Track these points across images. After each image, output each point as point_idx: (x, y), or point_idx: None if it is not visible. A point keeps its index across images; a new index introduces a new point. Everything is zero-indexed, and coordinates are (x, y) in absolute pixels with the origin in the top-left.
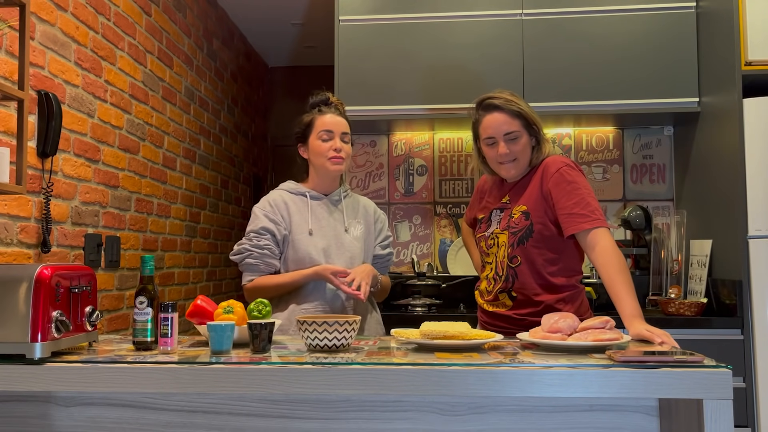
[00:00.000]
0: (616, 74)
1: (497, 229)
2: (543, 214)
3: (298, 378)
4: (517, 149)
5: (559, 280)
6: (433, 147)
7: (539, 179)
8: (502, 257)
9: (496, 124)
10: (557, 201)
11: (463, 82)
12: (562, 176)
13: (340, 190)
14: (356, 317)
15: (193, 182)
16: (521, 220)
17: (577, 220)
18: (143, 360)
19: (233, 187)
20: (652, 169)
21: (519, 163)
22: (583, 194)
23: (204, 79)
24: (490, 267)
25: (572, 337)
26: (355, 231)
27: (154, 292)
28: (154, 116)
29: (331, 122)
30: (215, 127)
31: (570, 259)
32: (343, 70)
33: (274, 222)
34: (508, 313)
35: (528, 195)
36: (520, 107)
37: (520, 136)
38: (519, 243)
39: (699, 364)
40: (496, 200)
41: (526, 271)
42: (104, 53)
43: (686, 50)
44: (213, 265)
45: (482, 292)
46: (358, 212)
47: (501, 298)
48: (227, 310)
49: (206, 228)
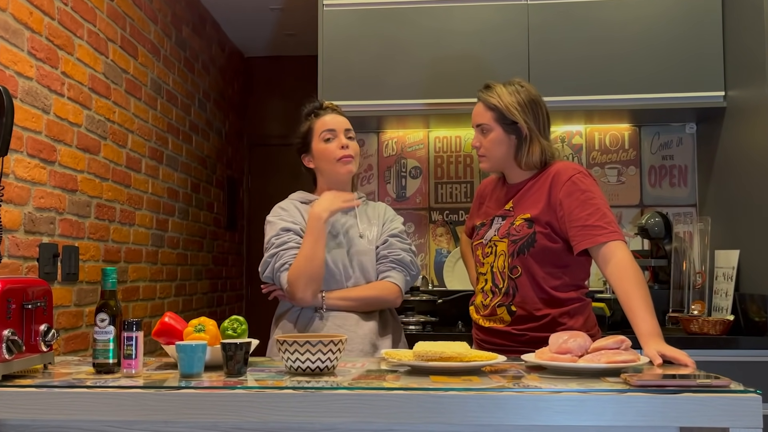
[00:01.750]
0: (633, 65)
1: (496, 236)
2: (547, 225)
3: (277, 404)
4: (486, 144)
5: (563, 294)
6: (428, 146)
7: (548, 187)
8: (502, 267)
9: (473, 114)
10: (569, 212)
11: (461, 74)
12: (575, 185)
13: (354, 195)
14: (342, 336)
15: (160, 186)
16: (523, 227)
17: (593, 233)
18: (104, 384)
19: (205, 191)
20: (673, 171)
21: (487, 160)
22: (598, 204)
23: (172, 71)
24: (485, 278)
25: (583, 358)
26: (370, 235)
27: (116, 308)
28: (116, 112)
29: (332, 121)
30: (185, 125)
31: (574, 275)
32: (327, 61)
33: (292, 222)
34: (506, 328)
35: (533, 202)
36: (500, 101)
37: (490, 130)
38: (519, 252)
39: (725, 388)
40: (498, 206)
41: (526, 283)
42: (61, 42)
43: (711, 38)
44: (182, 278)
45: (477, 307)
46: (371, 216)
47: (499, 312)
48: (198, 329)
49: (175, 237)
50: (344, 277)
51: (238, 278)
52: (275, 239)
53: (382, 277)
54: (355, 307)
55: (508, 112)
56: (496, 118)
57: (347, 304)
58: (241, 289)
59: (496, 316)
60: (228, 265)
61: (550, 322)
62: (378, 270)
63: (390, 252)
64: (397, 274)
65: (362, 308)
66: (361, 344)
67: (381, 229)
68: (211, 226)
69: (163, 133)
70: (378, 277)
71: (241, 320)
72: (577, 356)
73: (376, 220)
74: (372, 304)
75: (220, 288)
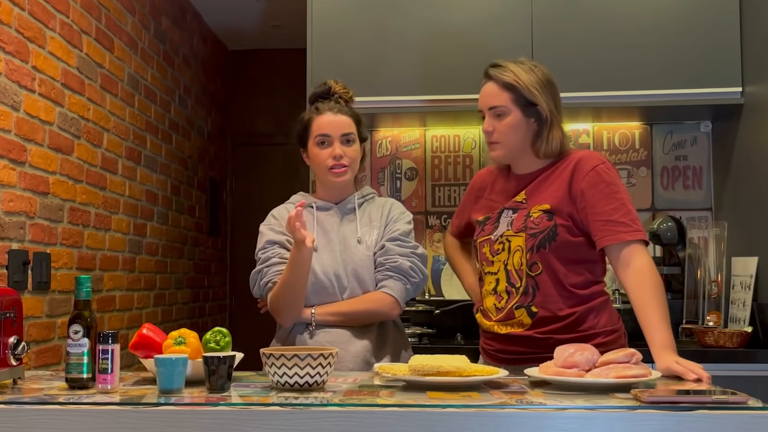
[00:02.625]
0: (643, 59)
1: (509, 231)
2: (569, 217)
3: (263, 422)
4: (501, 129)
5: (585, 291)
6: (424, 146)
7: (569, 176)
8: (518, 264)
9: (483, 95)
10: (593, 204)
11: (459, 68)
12: (600, 176)
13: (354, 197)
14: (332, 349)
15: (137, 188)
16: (542, 219)
17: (617, 229)
18: (78, 401)
19: (186, 193)
20: (687, 173)
21: (500, 147)
22: (623, 199)
23: (151, 65)
24: (494, 278)
25: (591, 373)
26: (369, 240)
27: (91, 319)
28: (91, 109)
29: (327, 124)
30: (164, 123)
31: (594, 272)
32: (316, 55)
33: (281, 233)
34: (528, 333)
35: (552, 192)
36: (517, 79)
37: (507, 112)
38: (539, 247)
39: (742, 405)
40: (506, 197)
41: (548, 280)
42: (31, 34)
43: (727, 30)
44: (162, 287)
45: (488, 312)
46: (374, 217)
47: (517, 315)
48: (178, 341)
49: (154, 243)
50: (338, 289)
51: (221, 287)
52: (261, 253)
53: (378, 287)
54: (344, 323)
55: (528, 92)
56: (513, 99)
57: (336, 320)
58: (224, 299)
59: (513, 319)
60: (210, 273)
61: (575, 321)
62: (376, 279)
63: (386, 259)
64: (393, 284)
65: (353, 323)
66: (352, 363)
67: (382, 231)
68: (193, 231)
69: (141, 131)
70: (376, 286)
71: (225, 332)
72: (584, 370)
73: (377, 221)
74: (363, 318)
75: (201, 298)
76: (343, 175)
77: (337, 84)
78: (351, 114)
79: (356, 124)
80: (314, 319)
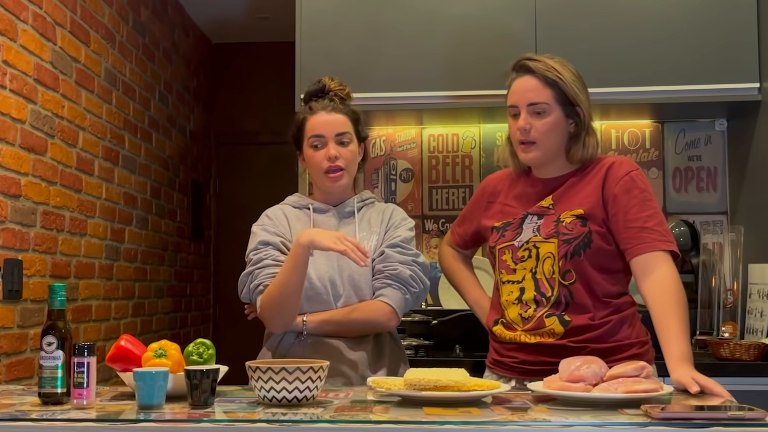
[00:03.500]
0: (654, 53)
1: (537, 237)
2: (602, 222)
3: None
4: (541, 127)
5: (617, 300)
6: (421, 146)
7: (601, 180)
8: (549, 272)
9: (521, 90)
10: (626, 210)
11: (458, 63)
12: (634, 181)
13: (354, 200)
14: (323, 362)
15: (115, 190)
16: (576, 225)
17: (651, 237)
18: (52, 417)
19: (167, 196)
20: (700, 174)
21: (537, 148)
22: (657, 208)
23: (130, 60)
24: (518, 287)
25: (598, 387)
26: (367, 246)
27: (65, 330)
28: (65, 106)
29: (321, 124)
30: (144, 121)
31: (624, 283)
32: (306, 49)
33: (276, 233)
34: (560, 342)
35: (584, 197)
36: (561, 76)
37: (548, 111)
38: (574, 254)
39: (760, 422)
40: (528, 202)
41: (581, 290)
42: (2, 26)
43: (744, 22)
44: (141, 296)
45: (512, 323)
46: (373, 223)
47: (548, 323)
48: (159, 354)
49: (132, 249)
50: (333, 296)
51: (205, 296)
52: (253, 254)
53: (375, 296)
54: (338, 332)
55: (572, 91)
56: (556, 97)
57: (329, 329)
58: (208, 309)
59: (543, 328)
60: (193, 281)
61: (609, 330)
62: (373, 287)
63: (386, 266)
64: (392, 293)
65: (347, 333)
66: (346, 376)
67: (382, 237)
68: (174, 236)
69: (119, 130)
70: (373, 295)
71: (208, 344)
72: (591, 385)
73: (377, 227)
74: (358, 328)
75: (183, 307)
76: (339, 179)
77: (333, 81)
78: (347, 112)
79: (353, 123)
80: (306, 328)
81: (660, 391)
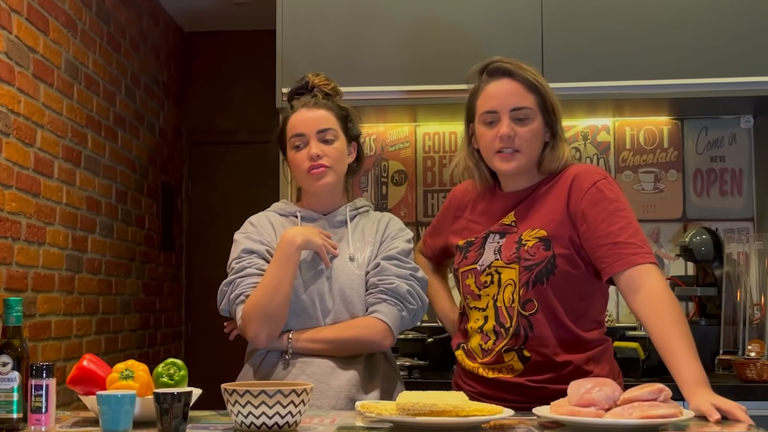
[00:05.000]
0: (673, 42)
1: (498, 261)
2: (568, 243)
3: None
4: (525, 135)
5: (587, 334)
6: (414, 145)
7: (565, 194)
8: (508, 302)
9: (502, 94)
10: (596, 226)
11: (456, 54)
12: (602, 192)
13: (346, 208)
14: (307, 384)
15: (77, 195)
16: (538, 249)
17: (626, 252)
18: None
19: (134, 201)
20: (724, 176)
21: (522, 157)
22: (630, 218)
23: (93, 50)
24: (482, 315)
25: (611, 412)
26: (361, 257)
27: (22, 349)
28: (22, 102)
29: (301, 121)
30: (109, 118)
31: (596, 309)
32: (287, 38)
33: (260, 242)
34: (518, 380)
35: (547, 214)
36: (538, 79)
37: (532, 117)
38: (536, 282)
39: None
40: (491, 219)
41: (543, 321)
42: None
43: None
44: (105, 311)
45: (473, 352)
46: (367, 232)
47: (507, 359)
48: (125, 375)
49: (96, 259)
50: (321, 311)
51: (176, 311)
52: (235, 263)
53: (369, 311)
54: (327, 351)
55: (551, 100)
56: (539, 103)
57: (317, 347)
58: (179, 326)
59: (502, 363)
60: (163, 294)
61: (573, 371)
62: (366, 303)
63: (381, 279)
64: (387, 309)
65: (337, 352)
66: (334, 399)
67: (377, 249)
68: (142, 245)
69: (81, 128)
70: (366, 311)
71: (180, 364)
72: (603, 410)
73: (372, 237)
74: (349, 347)
75: (152, 324)
76: (323, 176)
77: (317, 76)
78: (330, 107)
79: (339, 120)
80: (291, 346)
81: (679, 416)
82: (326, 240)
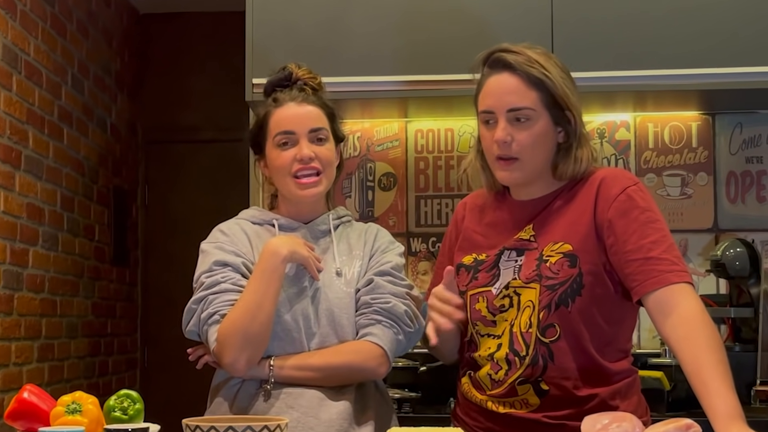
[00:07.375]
0: (703, 27)
1: (517, 280)
2: (596, 259)
3: None
4: (524, 140)
5: (613, 365)
6: (405, 144)
7: (591, 202)
8: (525, 326)
9: (499, 92)
10: (625, 239)
11: (453, 40)
12: (632, 200)
13: (329, 216)
14: (281, 420)
15: (16, 201)
16: (563, 266)
17: (659, 269)
18: None
19: (82, 208)
20: (761, 180)
21: (521, 165)
22: (664, 230)
23: (35, 35)
24: (495, 342)
25: None
26: (349, 273)
27: None
28: None
29: (291, 117)
30: (53, 112)
31: (624, 336)
32: (258, 21)
33: (234, 253)
34: (533, 416)
35: (570, 225)
36: (547, 73)
37: (534, 119)
38: (559, 304)
39: None
40: (502, 232)
41: (566, 349)
42: None
43: None
44: (49, 335)
45: (481, 382)
46: (354, 245)
47: (521, 392)
48: (72, 409)
49: (38, 275)
50: (305, 334)
51: (131, 335)
52: (205, 277)
53: (361, 334)
54: (315, 380)
55: (562, 91)
56: (543, 100)
57: (305, 375)
58: (134, 352)
59: (515, 397)
60: (115, 316)
61: (597, 406)
62: (357, 324)
63: (375, 298)
64: (382, 331)
65: (326, 382)
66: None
67: (367, 263)
68: (92, 259)
69: (21, 124)
70: (357, 334)
71: (134, 396)
72: None
73: (360, 251)
74: (340, 375)
75: (103, 350)
76: (314, 186)
77: (300, 68)
78: (321, 105)
79: (329, 118)
80: (272, 374)
81: None
82: (312, 252)
